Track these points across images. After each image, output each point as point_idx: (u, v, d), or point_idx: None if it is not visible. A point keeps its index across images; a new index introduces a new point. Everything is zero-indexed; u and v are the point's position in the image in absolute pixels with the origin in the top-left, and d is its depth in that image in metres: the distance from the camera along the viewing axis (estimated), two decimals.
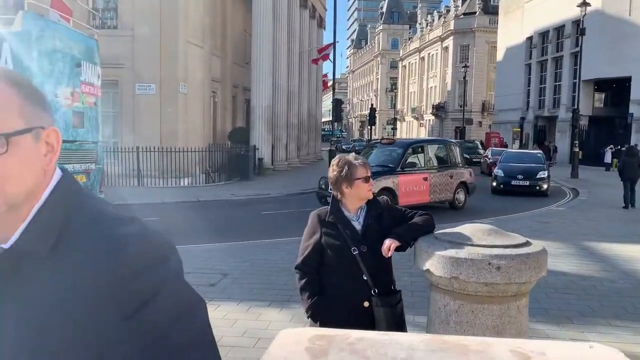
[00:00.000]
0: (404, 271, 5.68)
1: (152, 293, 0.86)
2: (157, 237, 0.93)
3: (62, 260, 0.86)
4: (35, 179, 0.90)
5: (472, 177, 14.44)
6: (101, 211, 0.94)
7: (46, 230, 0.88)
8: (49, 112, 0.95)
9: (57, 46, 8.79)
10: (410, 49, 76.68)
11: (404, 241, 2.56)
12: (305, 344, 1.88)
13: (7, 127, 0.85)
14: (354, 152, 3.97)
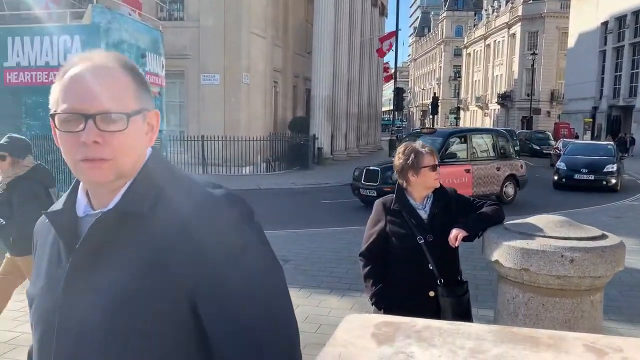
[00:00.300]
0: (468, 264, 5.56)
1: (240, 248, 0.95)
2: (241, 200, 1.01)
3: (159, 219, 0.95)
4: (139, 153, 1.01)
5: (524, 169, 13.54)
6: (190, 177, 1.05)
7: (144, 193, 0.98)
8: (151, 96, 1.05)
9: (123, 38, 9.17)
10: (475, 36, 74.40)
11: (471, 231, 2.51)
12: (371, 330, 1.88)
13: (127, 108, 0.97)
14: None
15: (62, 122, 0.96)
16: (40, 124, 8.70)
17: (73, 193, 1.06)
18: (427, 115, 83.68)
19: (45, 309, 1.00)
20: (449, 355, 1.75)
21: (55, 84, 1.00)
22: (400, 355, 1.75)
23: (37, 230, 1.13)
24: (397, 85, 27.37)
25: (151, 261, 0.93)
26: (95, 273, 0.95)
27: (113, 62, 1.00)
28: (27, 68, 8.68)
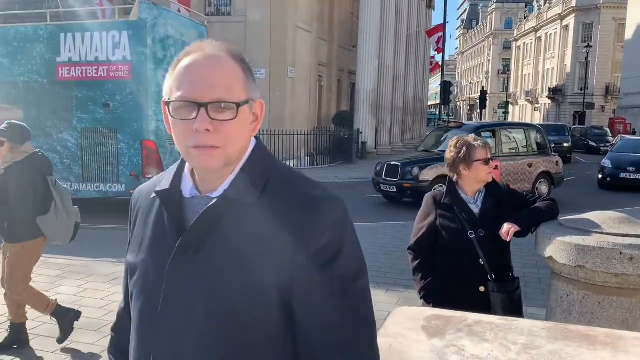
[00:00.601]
0: (516, 261, 5.44)
1: (338, 249, 0.99)
2: (340, 201, 1.04)
3: (265, 211, 0.99)
4: (245, 142, 1.06)
5: (559, 166, 12.75)
6: (292, 172, 1.08)
7: (252, 184, 1.02)
8: (257, 86, 1.08)
9: (169, 33, 9.35)
10: (526, 28, 72.21)
11: (524, 226, 2.45)
12: (421, 323, 1.87)
13: (237, 97, 1.01)
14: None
15: (175, 109, 1.01)
16: (90, 117, 9.05)
17: (179, 173, 1.10)
18: (474, 110, 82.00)
19: (149, 282, 1.05)
20: (501, 350, 1.72)
21: (169, 73, 1.05)
22: (452, 348, 1.74)
23: (138, 199, 1.18)
24: (444, 79, 26.89)
25: (252, 250, 0.98)
26: (201, 255, 1.00)
27: (224, 53, 1.03)
28: (78, 63, 9.02)
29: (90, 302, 4.83)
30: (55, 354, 3.74)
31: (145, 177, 8.86)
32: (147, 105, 8.82)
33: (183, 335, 1.00)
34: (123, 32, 8.81)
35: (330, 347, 0.98)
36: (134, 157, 8.91)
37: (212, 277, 0.99)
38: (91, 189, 9.24)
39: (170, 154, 9.40)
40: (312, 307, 0.98)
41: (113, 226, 8.60)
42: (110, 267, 5.99)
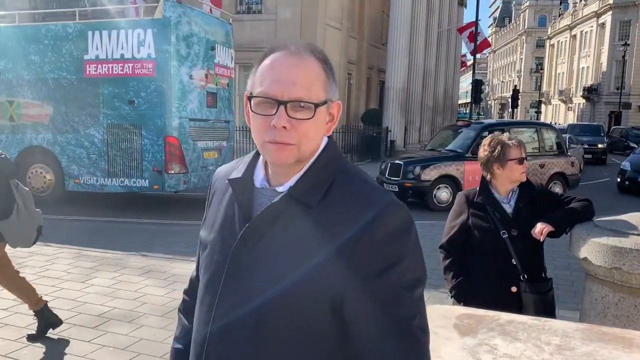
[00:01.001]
0: (548, 263, 5.36)
1: (398, 258, 0.99)
2: (404, 208, 1.04)
3: (327, 213, 1.01)
4: (319, 141, 1.08)
5: (575, 167, 12.13)
6: (361, 176, 1.09)
7: (316, 185, 1.04)
8: (337, 87, 1.10)
9: (193, 31, 9.48)
10: (560, 26, 70.63)
11: (558, 226, 2.42)
12: (453, 321, 1.87)
13: (316, 97, 1.03)
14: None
15: (256, 104, 1.04)
16: (115, 113, 9.27)
17: (253, 163, 1.15)
18: (506, 109, 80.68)
19: (215, 261, 1.11)
20: (535, 350, 1.71)
21: (254, 68, 1.09)
22: (484, 347, 1.73)
23: (216, 179, 1.25)
24: (476, 77, 26.53)
25: (309, 249, 1.00)
26: (262, 245, 1.04)
27: (308, 53, 1.06)
28: (104, 60, 9.25)
29: (123, 293, 4.95)
30: (90, 343, 3.85)
31: (168, 173, 9.09)
32: (170, 102, 8.98)
33: (237, 317, 1.05)
34: (148, 30, 9.00)
35: (385, 354, 0.99)
36: (157, 153, 9.08)
37: (269, 267, 1.03)
38: (116, 183, 9.46)
39: (193, 150, 9.57)
40: (365, 314, 0.99)
41: (144, 220, 8.78)
42: (142, 260, 6.12)
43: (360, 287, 0.99)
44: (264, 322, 1.03)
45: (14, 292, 4.00)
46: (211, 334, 1.08)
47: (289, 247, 1.02)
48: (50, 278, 5.33)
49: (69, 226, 8.06)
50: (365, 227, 0.98)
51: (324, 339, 1.03)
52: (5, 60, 9.87)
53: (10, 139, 10.01)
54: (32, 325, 4.13)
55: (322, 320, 1.02)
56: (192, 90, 9.43)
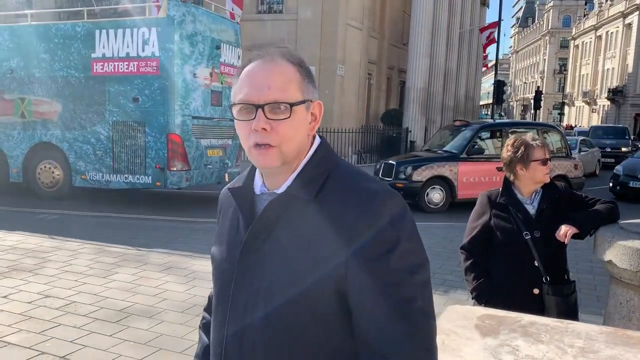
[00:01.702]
0: (571, 266, 5.30)
1: (395, 243, 1.02)
2: (398, 196, 1.09)
3: (323, 205, 1.06)
4: (302, 141, 1.12)
5: (579, 170, 11.62)
6: (353, 169, 1.14)
7: (311, 181, 1.09)
8: (316, 88, 1.15)
9: (197, 30, 9.59)
10: (585, 26, 69.46)
11: (583, 228, 2.39)
12: (474, 321, 1.86)
13: (292, 97, 1.08)
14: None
15: (238, 112, 1.10)
16: (120, 110, 9.47)
17: (252, 172, 1.21)
18: (528, 110, 79.65)
19: (224, 270, 1.17)
20: (557, 353, 1.69)
21: (235, 79, 1.15)
22: (505, 347, 1.72)
23: (221, 199, 1.31)
24: (498, 78, 26.25)
25: (311, 242, 1.04)
26: (266, 246, 1.09)
27: (281, 57, 1.11)
28: (110, 59, 9.46)
29: (144, 289, 5.01)
30: (112, 337, 3.91)
31: (170, 170, 9.22)
32: (173, 100, 9.12)
33: (250, 319, 1.09)
34: (152, 29, 9.16)
35: (386, 338, 1.01)
36: (160, 150, 9.23)
37: (276, 267, 1.07)
38: (120, 179, 9.63)
39: (196, 148, 9.70)
40: (367, 298, 1.02)
41: (165, 217, 8.89)
42: (163, 257, 6.19)
43: (360, 273, 1.01)
44: (275, 319, 1.06)
45: None
46: (227, 340, 1.12)
47: (291, 243, 1.06)
48: (73, 273, 5.43)
49: (91, 222, 8.19)
50: (361, 214, 1.02)
51: (333, 329, 1.06)
52: (17, 58, 10.18)
53: (22, 135, 10.29)
54: (57, 318, 4.21)
55: (330, 310, 1.05)
56: (196, 89, 9.58)
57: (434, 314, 1.07)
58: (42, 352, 3.63)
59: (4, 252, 6.09)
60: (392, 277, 1.02)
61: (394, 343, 1.00)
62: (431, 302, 1.07)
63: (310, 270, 1.03)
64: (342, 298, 1.04)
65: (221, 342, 1.13)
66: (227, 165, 10.59)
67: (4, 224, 7.51)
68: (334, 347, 1.07)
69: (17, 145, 10.38)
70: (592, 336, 1.76)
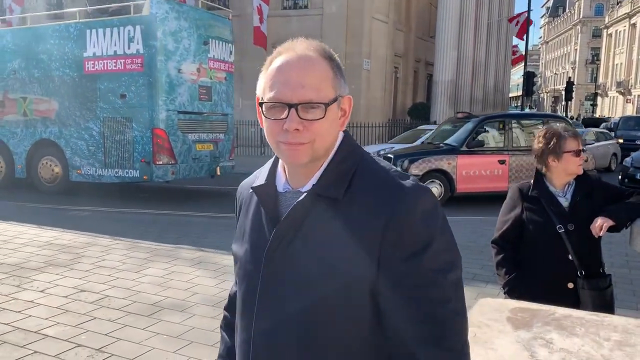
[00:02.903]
0: (605, 260, 5.18)
1: (427, 242, 0.99)
2: (430, 192, 1.05)
3: (352, 203, 1.03)
4: (333, 138, 1.09)
5: (589, 164, 10.96)
6: (380, 165, 1.10)
7: (339, 178, 1.05)
8: (346, 82, 1.11)
9: (182, 26, 9.81)
10: (619, 15, 67.48)
11: (618, 221, 2.32)
12: (507, 314, 1.83)
13: (326, 97, 1.04)
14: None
15: (268, 109, 1.06)
16: (110, 107, 9.82)
17: (273, 169, 1.17)
18: (559, 102, 77.99)
19: (249, 270, 1.14)
20: (593, 346, 1.66)
21: (262, 73, 1.11)
22: (539, 340, 1.69)
23: (240, 192, 1.27)
24: (527, 70, 25.76)
25: (340, 242, 1.01)
26: (293, 247, 1.06)
27: (314, 52, 1.07)
28: (100, 57, 9.83)
29: (175, 284, 5.09)
30: (145, 330, 3.99)
31: (156, 164, 9.49)
32: (157, 95, 9.42)
33: (278, 320, 1.07)
34: (137, 27, 9.47)
35: (419, 339, 0.99)
36: (146, 145, 9.53)
37: (304, 267, 1.04)
38: (111, 174, 9.98)
39: (182, 142, 9.91)
40: (400, 299, 0.99)
41: (196, 213, 9.01)
42: (193, 252, 6.28)
43: (392, 273, 0.99)
44: (303, 320, 1.04)
45: None
46: (255, 339, 1.10)
47: (320, 243, 1.03)
48: (106, 268, 5.55)
49: (122, 218, 8.36)
50: (393, 212, 0.99)
51: (365, 328, 1.04)
52: (19, 59, 10.68)
53: (24, 133, 10.83)
54: (92, 312, 4.32)
55: (363, 309, 1.03)
56: (182, 84, 9.81)
57: (466, 313, 1.05)
58: (78, 344, 3.73)
59: (40, 248, 6.27)
60: (426, 278, 0.99)
61: (426, 344, 0.98)
62: (464, 301, 1.04)
63: (341, 273, 1.01)
64: (374, 297, 1.02)
65: (249, 341, 1.11)
66: (219, 159, 10.83)
67: (40, 221, 7.73)
68: (366, 347, 1.05)
69: (21, 142, 10.92)
70: (629, 329, 1.71)
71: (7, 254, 5.99)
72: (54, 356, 3.54)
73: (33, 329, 3.96)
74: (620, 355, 1.51)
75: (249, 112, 20.78)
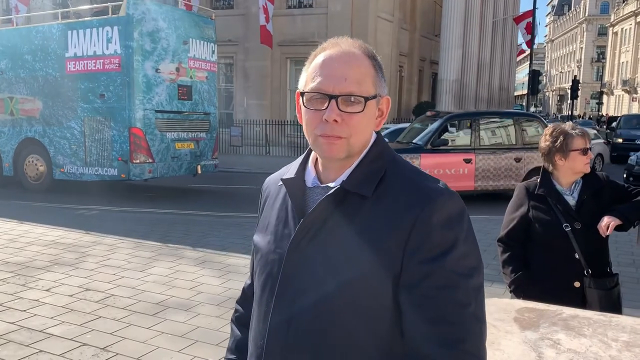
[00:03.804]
0: (612, 259, 5.15)
1: (452, 245, 1.00)
2: (457, 196, 1.05)
3: (380, 202, 1.04)
4: (369, 136, 1.11)
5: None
6: (410, 167, 1.11)
7: (369, 177, 1.07)
8: (386, 83, 1.13)
9: (160, 26, 9.95)
10: (625, 12, 67.11)
11: (626, 220, 2.30)
12: (513, 314, 1.82)
13: (366, 92, 1.06)
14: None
15: (308, 100, 1.08)
16: (90, 106, 10.02)
17: (303, 164, 1.19)
18: (564, 100, 77.70)
19: (271, 260, 1.14)
20: (601, 347, 1.64)
21: (305, 68, 1.13)
22: (546, 341, 1.68)
23: (267, 186, 1.28)
24: (533, 68, 25.65)
25: (365, 240, 1.02)
26: (317, 240, 1.07)
27: (358, 49, 1.09)
28: (81, 57, 10.06)
29: (180, 282, 5.09)
30: (150, 329, 3.99)
31: (133, 162, 9.64)
32: (134, 95, 9.60)
33: (297, 312, 1.07)
34: (114, 28, 9.67)
35: (436, 340, 0.98)
36: (123, 144, 9.73)
37: (326, 262, 1.05)
38: (92, 172, 10.19)
39: (160, 141, 10.05)
40: (421, 299, 1.00)
41: (200, 212, 9.02)
42: (198, 251, 6.28)
43: (415, 273, 1.00)
44: (322, 313, 1.04)
45: None
46: (270, 330, 1.10)
47: (344, 238, 1.03)
48: (111, 267, 5.56)
49: (128, 218, 8.38)
50: (420, 214, 1.00)
51: (385, 327, 1.04)
52: (6, 60, 10.94)
53: (11, 132, 11.10)
54: (97, 311, 4.32)
55: (385, 307, 1.03)
56: (160, 84, 9.97)
57: (485, 320, 1.04)
58: (83, 343, 3.73)
59: (46, 247, 6.29)
60: (448, 280, 0.99)
61: (443, 347, 0.98)
62: (484, 306, 1.04)
63: (364, 270, 1.01)
64: (395, 296, 1.02)
65: (264, 333, 1.11)
66: (200, 158, 10.95)
67: (46, 220, 7.76)
68: (384, 344, 1.04)
69: (8, 141, 11.16)
70: (637, 330, 1.70)
71: (13, 253, 6.01)
72: (59, 355, 3.55)
73: (38, 328, 3.97)
74: (629, 356, 1.49)
75: (254, 111, 20.83)
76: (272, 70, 20.69)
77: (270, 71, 20.69)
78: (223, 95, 22.97)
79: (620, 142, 19.09)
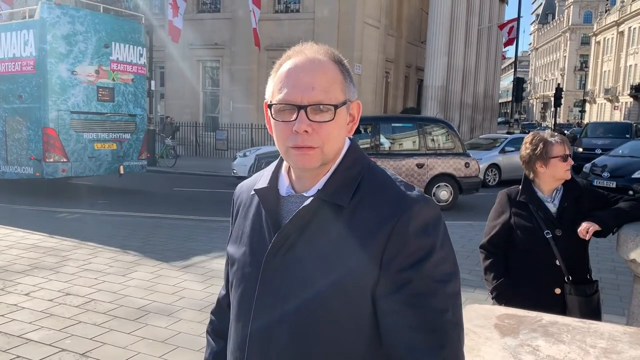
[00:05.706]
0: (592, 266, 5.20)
1: (428, 252, 0.99)
2: (433, 203, 1.05)
3: (357, 212, 1.02)
4: (341, 143, 1.09)
5: (472, 169, 10.49)
6: (386, 174, 1.09)
7: (345, 185, 1.05)
8: (355, 87, 1.11)
9: (77, 30, 10.20)
10: (607, 22, 68.26)
11: (605, 225, 2.33)
12: (494, 321, 1.82)
13: (335, 99, 1.04)
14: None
15: (277, 112, 1.05)
16: (10, 107, 10.33)
17: (276, 172, 1.16)
18: (548, 108, 78.73)
19: (247, 273, 1.11)
20: (579, 353, 1.65)
21: (271, 77, 1.10)
22: (526, 347, 1.68)
23: (239, 194, 1.25)
24: (517, 76, 25.96)
25: (342, 249, 1.01)
26: (294, 251, 1.05)
27: (324, 56, 1.06)
28: (2, 60, 10.40)
29: (162, 287, 5.04)
30: (131, 334, 3.95)
31: (46, 161, 9.88)
32: (47, 96, 9.87)
33: (276, 324, 1.05)
34: (30, 31, 9.96)
35: (415, 347, 0.98)
36: (37, 143, 9.99)
37: (304, 272, 1.03)
38: (12, 171, 10.46)
39: (76, 141, 10.27)
40: (398, 306, 0.99)
41: (183, 216, 8.95)
42: (181, 256, 6.23)
43: (393, 280, 0.99)
44: (301, 325, 1.03)
45: None
46: (250, 342, 1.08)
47: (322, 249, 1.02)
48: (92, 271, 5.49)
49: (110, 221, 8.28)
50: (396, 224, 0.99)
51: (360, 336, 1.03)
52: None
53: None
54: (77, 316, 4.26)
55: (357, 317, 1.02)
56: (76, 85, 10.22)
57: (462, 325, 1.04)
58: (62, 349, 3.67)
59: (26, 251, 6.19)
60: (426, 287, 0.99)
61: (422, 354, 0.98)
62: (461, 312, 1.04)
63: (342, 279, 1.00)
64: (374, 305, 1.01)
65: (243, 345, 1.09)
66: (123, 159, 11.11)
67: (26, 223, 7.64)
68: (364, 354, 1.04)
69: None
70: (615, 336, 1.71)
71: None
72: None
73: (16, 333, 3.90)
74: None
75: (240, 115, 20.76)
76: (258, 74, 20.66)
77: (256, 74, 20.67)
78: (209, 99, 22.90)
79: (580, 152, 17.45)
